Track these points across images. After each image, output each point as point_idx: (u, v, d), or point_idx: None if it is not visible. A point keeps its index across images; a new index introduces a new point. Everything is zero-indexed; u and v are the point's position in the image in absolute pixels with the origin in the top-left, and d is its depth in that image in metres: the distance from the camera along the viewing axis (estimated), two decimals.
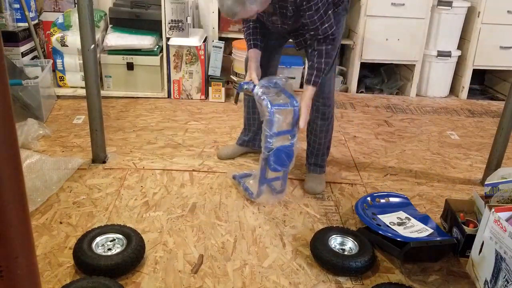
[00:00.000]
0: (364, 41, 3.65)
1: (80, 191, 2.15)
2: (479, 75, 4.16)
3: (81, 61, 2.99)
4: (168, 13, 3.22)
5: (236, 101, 2.28)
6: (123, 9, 3.42)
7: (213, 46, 3.44)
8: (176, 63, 3.33)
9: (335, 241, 1.83)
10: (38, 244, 1.77)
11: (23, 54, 3.22)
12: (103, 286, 1.47)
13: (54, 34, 3.28)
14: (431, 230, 1.85)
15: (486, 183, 1.97)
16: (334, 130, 2.33)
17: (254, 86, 2.05)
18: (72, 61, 3.28)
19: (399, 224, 1.90)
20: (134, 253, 1.65)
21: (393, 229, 1.84)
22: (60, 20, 3.33)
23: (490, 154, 2.39)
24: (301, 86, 3.76)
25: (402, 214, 1.98)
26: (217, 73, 3.43)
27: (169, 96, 3.42)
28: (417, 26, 3.62)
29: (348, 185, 2.35)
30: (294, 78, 3.59)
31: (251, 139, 2.54)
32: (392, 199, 2.09)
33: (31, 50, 3.34)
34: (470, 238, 1.73)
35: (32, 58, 3.32)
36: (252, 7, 1.79)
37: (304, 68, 3.74)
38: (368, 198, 2.05)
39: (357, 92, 3.83)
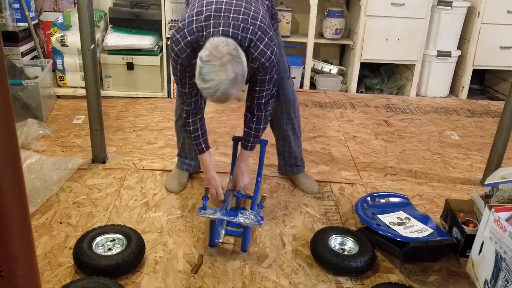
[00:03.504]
0: (364, 41, 3.64)
1: (80, 191, 2.15)
2: (479, 75, 4.15)
3: (81, 61, 2.99)
4: (168, 13, 3.22)
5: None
6: (123, 9, 3.43)
7: None
8: None
9: (335, 241, 1.83)
10: (38, 244, 1.77)
11: (23, 54, 3.22)
12: (103, 286, 1.47)
13: (54, 34, 3.28)
14: (431, 230, 1.85)
15: (486, 183, 1.97)
16: (333, 130, 2.33)
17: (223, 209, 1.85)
18: (72, 61, 3.28)
19: (399, 224, 1.90)
20: (134, 253, 1.65)
21: (393, 229, 1.85)
22: (60, 20, 3.33)
23: (490, 154, 2.39)
24: (301, 86, 3.77)
25: (402, 214, 1.98)
26: None
27: (169, 96, 3.42)
28: (417, 26, 3.62)
29: (348, 185, 2.35)
30: (294, 78, 3.59)
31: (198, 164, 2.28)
32: (392, 199, 2.09)
33: (31, 50, 3.34)
34: (470, 238, 1.73)
35: (32, 58, 3.33)
36: (242, 86, 1.61)
37: (304, 68, 3.75)
38: (368, 198, 2.05)
39: (357, 92, 3.83)
